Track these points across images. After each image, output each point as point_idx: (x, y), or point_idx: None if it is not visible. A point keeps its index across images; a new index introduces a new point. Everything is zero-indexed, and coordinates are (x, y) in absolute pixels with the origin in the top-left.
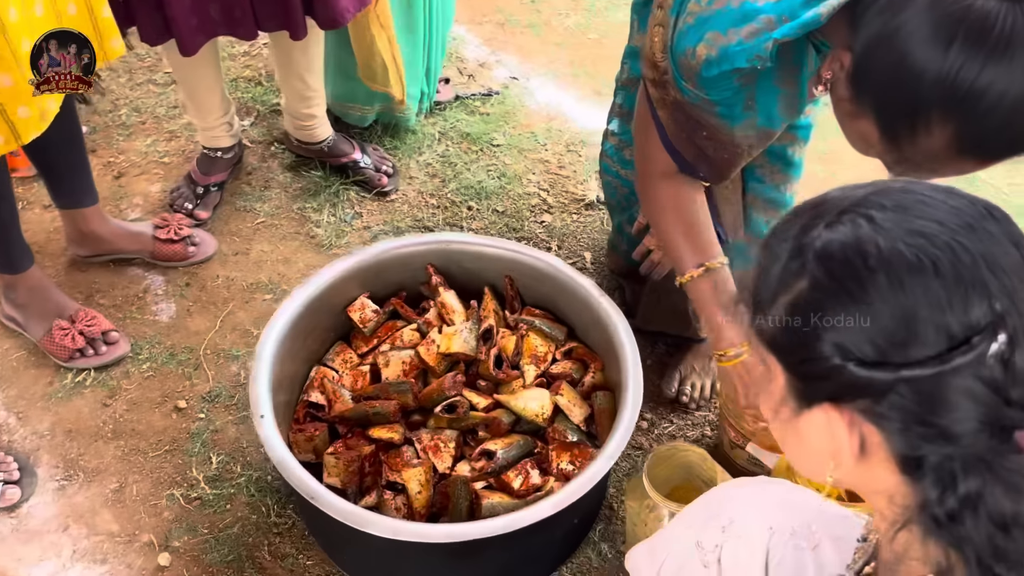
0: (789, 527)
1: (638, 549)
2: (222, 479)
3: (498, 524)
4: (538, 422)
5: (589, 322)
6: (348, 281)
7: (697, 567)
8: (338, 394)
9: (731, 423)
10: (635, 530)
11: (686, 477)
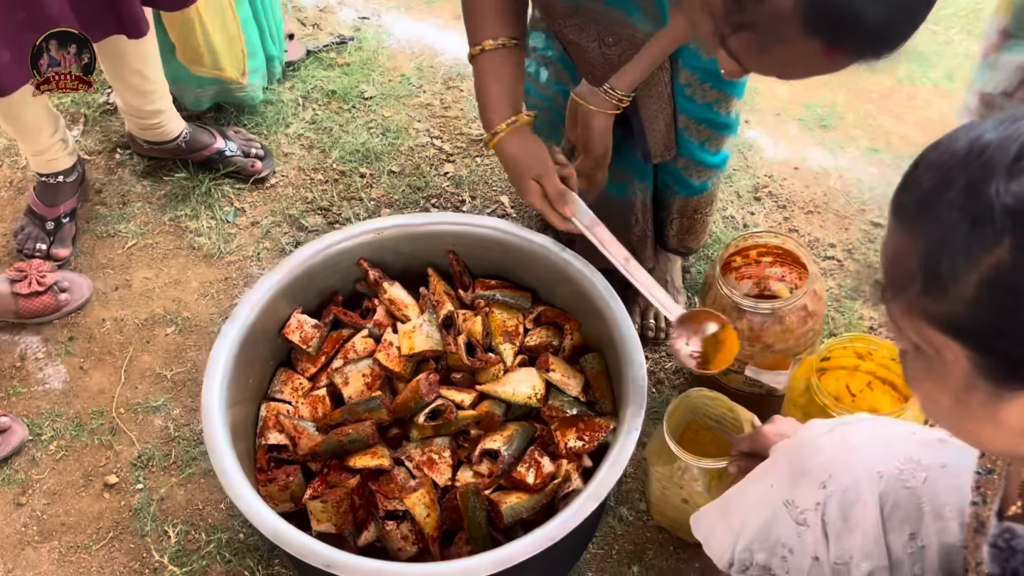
0: (894, 467)
1: (707, 512)
2: (188, 552)
3: (542, 537)
4: (532, 404)
5: (552, 281)
6: (276, 301)
7: (788, 525)
8: (300, 429)
9: None
10: (665, 493)
11: (691, 418)
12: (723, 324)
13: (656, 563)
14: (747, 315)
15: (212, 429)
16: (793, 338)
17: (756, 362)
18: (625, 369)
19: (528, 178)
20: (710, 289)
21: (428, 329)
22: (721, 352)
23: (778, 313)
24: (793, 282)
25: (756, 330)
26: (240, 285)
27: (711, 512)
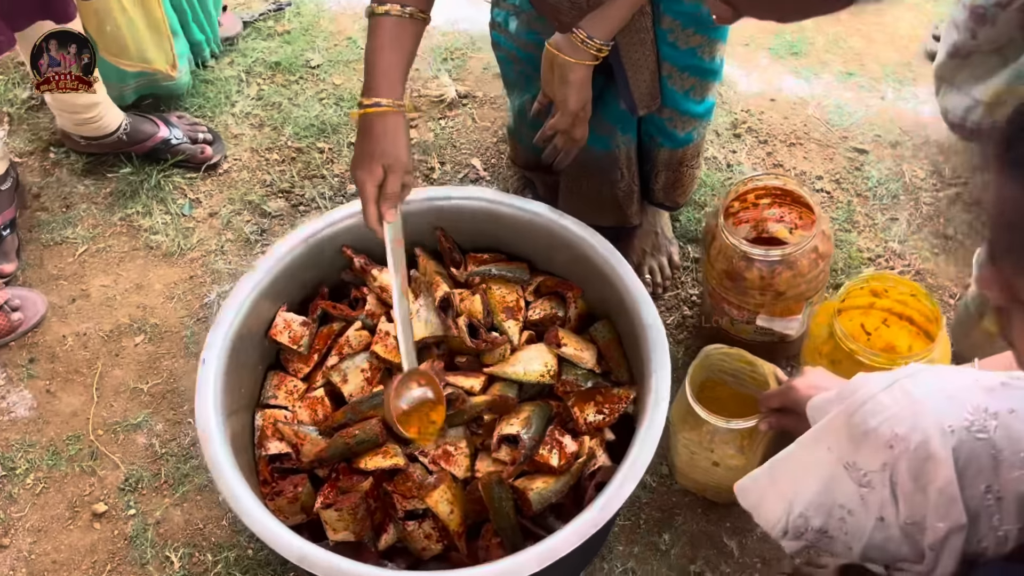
0: (963, 419)
1: (754, 481)
2: (192, 572)
3: (585, 525)
4: (546, 381)
5: (548, 248)
6: (260, 302)
7: (848, 488)
8: (302, 435)
9: (733, 301)
10: (693, 458)
11: (707, 375)
12: (437, 398)
13: (686, 527)
14: (756, 263)
15: (214, 454)
16: (805, 282)
17: (767, 311)
18: (641, 333)
19: (379, 162)
20: (714, 240)
21: (426, 314)
22: (421, 424)
23: (789, 259)
24: (792, 222)
25: (767, 278)
26: (207, 283)
27: (760, 481)
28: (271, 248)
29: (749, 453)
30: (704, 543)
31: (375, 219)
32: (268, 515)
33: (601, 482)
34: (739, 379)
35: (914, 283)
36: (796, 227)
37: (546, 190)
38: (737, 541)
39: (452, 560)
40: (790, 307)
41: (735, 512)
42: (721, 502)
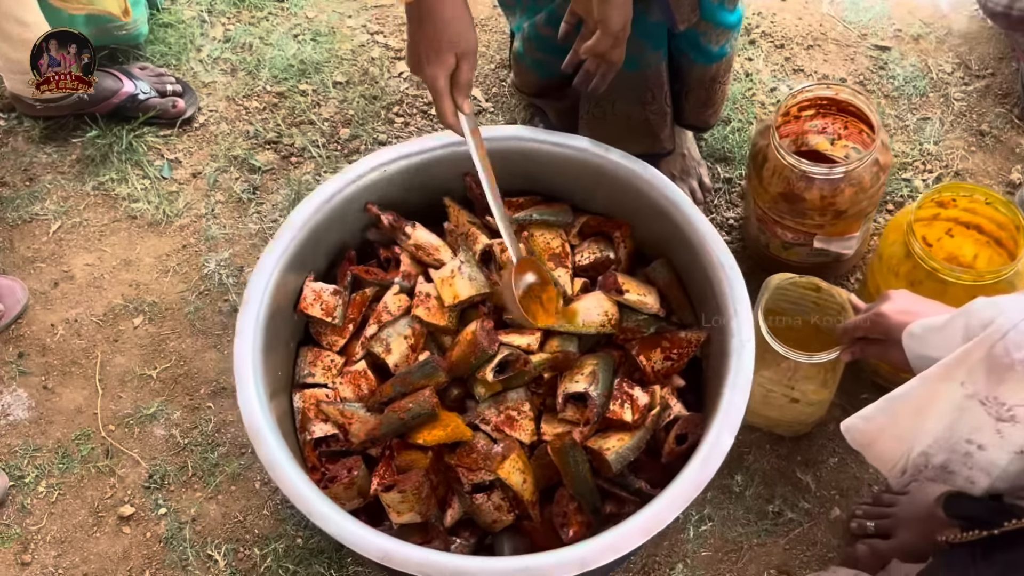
0: None
1: (867, 420)
2: (244, 573)
3: (689, 486)
4: (607, 331)
5: (591, 184)
6: (285, 275)
7: (983, 423)
8: (348, 413)
9: (788, 224)
10: (769, 396)
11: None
12: (545, 281)
13: (758, 466)
14: (817, 183)
15: (270, 453)
16: (866, 198)
17: (826, 231)
18: (712, 272)
19: (451, 51)
20: (766, 160)
21: (469, 270)
22: (542, 309)
23: (852, 175)
24: (836, 132)
25: (827, 197)
26: (203, 251)
27: (874, 420)
28: (292, 214)
29: (833, 385)
30: (778, 480)
31: (452, 113)
32: (341, 513)
33: (682, 433)
34: (801, 307)
35: (989, 190)
36: (839, 137)
37: (559, 118)
38: (812, 474)
39: (525, 529)
40: (850, 225)
41: (804, 444)
42: (790, 436)
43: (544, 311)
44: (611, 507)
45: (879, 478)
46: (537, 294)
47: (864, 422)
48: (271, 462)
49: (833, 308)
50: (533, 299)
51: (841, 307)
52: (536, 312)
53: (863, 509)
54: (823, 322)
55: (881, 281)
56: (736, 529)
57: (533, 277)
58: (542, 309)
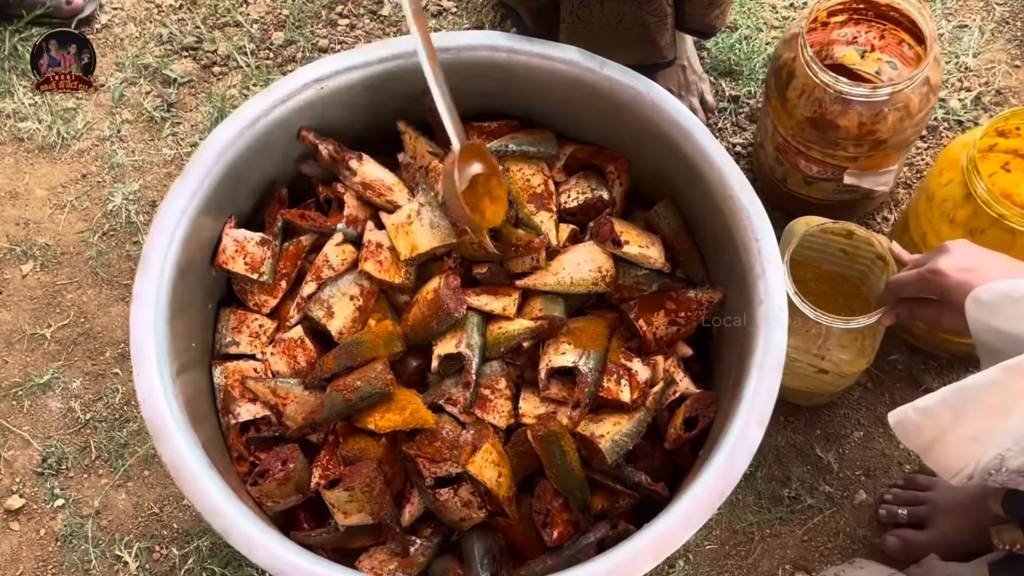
0: None
1: (927, 413)
2: (156, 572)
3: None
4: (600, 290)
5: (580, 106)
6: (198, 220)
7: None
8: (282, 392)
9: (815, 155)
10: (794, 366)
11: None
12: (492, 169)
13: (770, 442)
14: (855, 106)
15: (174, 446)
16: (912, 125)
17: (859, 164)
18: (733, 219)
19: None
20: (792, 78)
21: (432, 216)
22: (489, 204)
23: (896, 97)
24: (868, 43)
25: (867, 124)
26: (107, 182)
27: (937, 416)
28: (203, 145)
29: (870, 355)
30: (794, 458)
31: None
32: (268, 533)
33: (691, 416)
34: (826, 254)
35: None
36: (872, 49)
37: (535, 20)
38: (834, 452)
39: (500, 527)
40: (888, 157)
41: (824, 416)
42: (808, 406)
43: (492, 206)
44: (602, 502)
45: (912, 456)
46: (484, 187)
47: (922, 416)
48: (175, 463)
49: (864, 260)
50: (479, 194)
51: (876, 259)
52: (484, 209)
53: (894, 493)
54: (841, 271)
55: (929, 228)
56: (746, 518)
57: (479, 167)
58: (490, 203)
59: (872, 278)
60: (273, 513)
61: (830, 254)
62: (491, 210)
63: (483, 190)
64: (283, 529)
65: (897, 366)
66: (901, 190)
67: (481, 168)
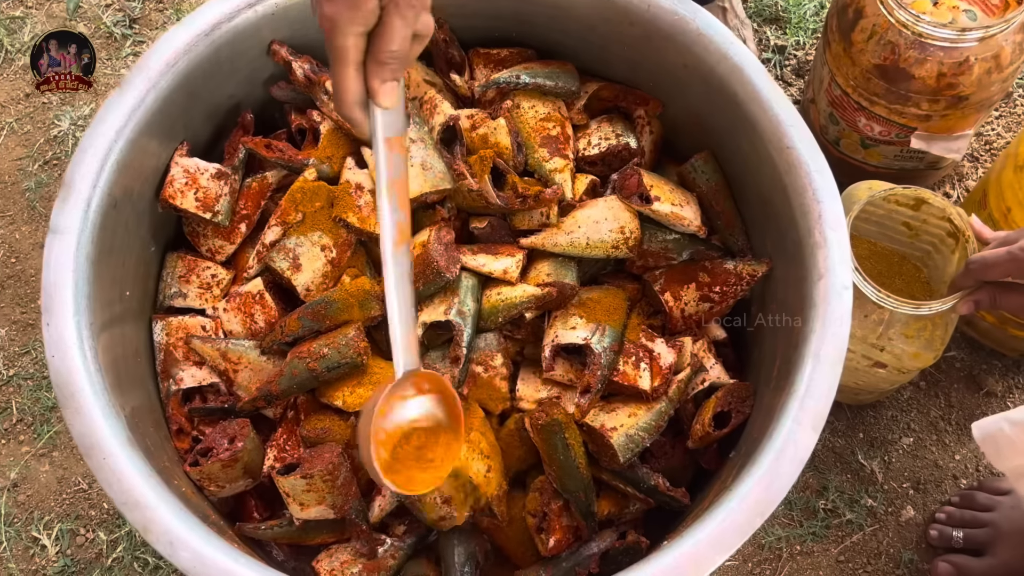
0: None
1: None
2: (84, 565)
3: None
4: (621, 255)
5: (608, 34)
6: (140, 142)
7: None
8: (234, 356)
9: (879, 112)
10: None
11: None
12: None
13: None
14: (936, 53)
15: (82, 422)
16: (1000, 80)
17: (931, 124)
18: (790, 179)
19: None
20: (860, 18)
21: (422, 154)
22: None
23: (988, 43)
24: None
25: (948, 75)
26: (54, 103)
27: None
28: (148, 52)
29: (939, 348)
30: (832, 465)
31: (354, 98)
32: (198, 528)
33: (724, 411)
34: (886, 228)
35: None
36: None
37: None
38: (879, 459)
39: (486, 528)
40: (966, 119)
41: (869, 417)
42: (852, 404)
43: (420, 475)
44: (609, 507)
45: (971, 470)
46: (418, 445)
47: (1018, 429)
48: (85, 437)
49: (932, 236)
50: (407, 453)
51: (947, 236)
52: (407, 475)
53: (948, 512)
54: (902, 250)
55: (1016, 203)
56: (774, 531)
57: (425, 411)
58: (418, 471)
59: (938, 259)
60: (217, 499)
61: (891, 228)
62: (417, 481)
63: (413, 450)
64: (230, 518)
65: (955, 364)
66: (966, 163)
67: (427, 416)
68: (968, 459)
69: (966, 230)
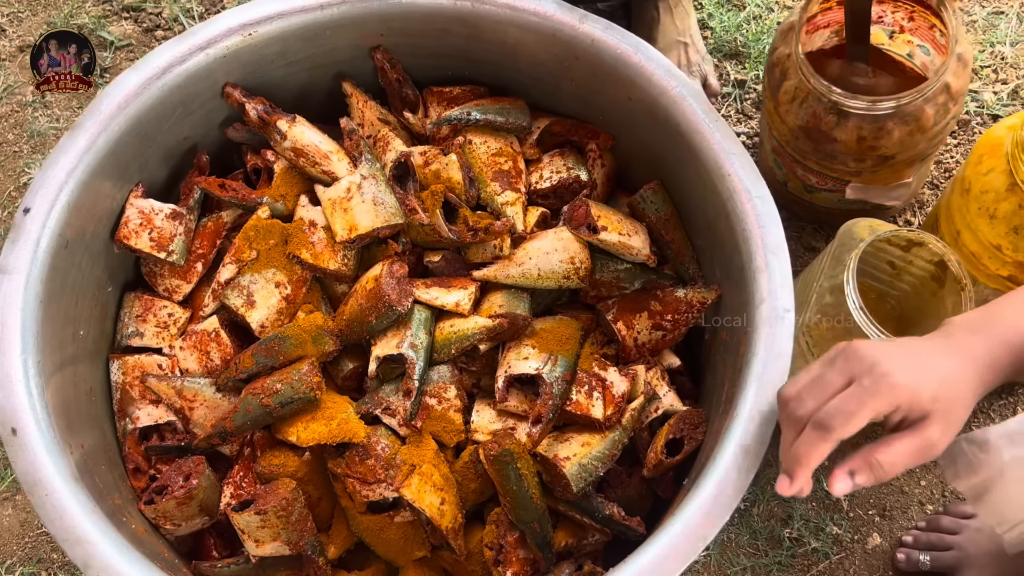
0: None
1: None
2: None
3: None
4: (572, 285)
5: (557, 70)
6: (94, 183)
7: None
8: (189, 393)
9: (811, 167)
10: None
11: None
12: None
13: (771, 474)
14: (853, 119)
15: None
16: (925, 140)
17: (864, 179)
18: (731, 203)
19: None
20: (784, 79)
21: (374, 190)
22: None
23: (906, 110)
24: (897, 24)
25: (868, 139)
26: (24, 152)
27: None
28: (100, 94)
29: None
30: None
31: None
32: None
33: (676, 438)
34: (870, 266)
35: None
36: (902, 30)
37: None
38: None
39: (444, 563)
40: (898, 173)
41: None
42: None
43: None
44: (566, 538)
45: (937, 496)
46: None
47: (980, 451)
48: (28, 474)
49: (914, 276)
50: None
51: (928, 279)
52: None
53: (914, 535)
54: (894, 296)
55: (964, 226)
56: (739, 561)
57: None
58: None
59: (915, 300)
60: (174, 538)
61: (874, 266)
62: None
63: None
64: (188, 557)
65: None
66: (927, 190)
67: None
68: (934, 485)
69: (963, 278)
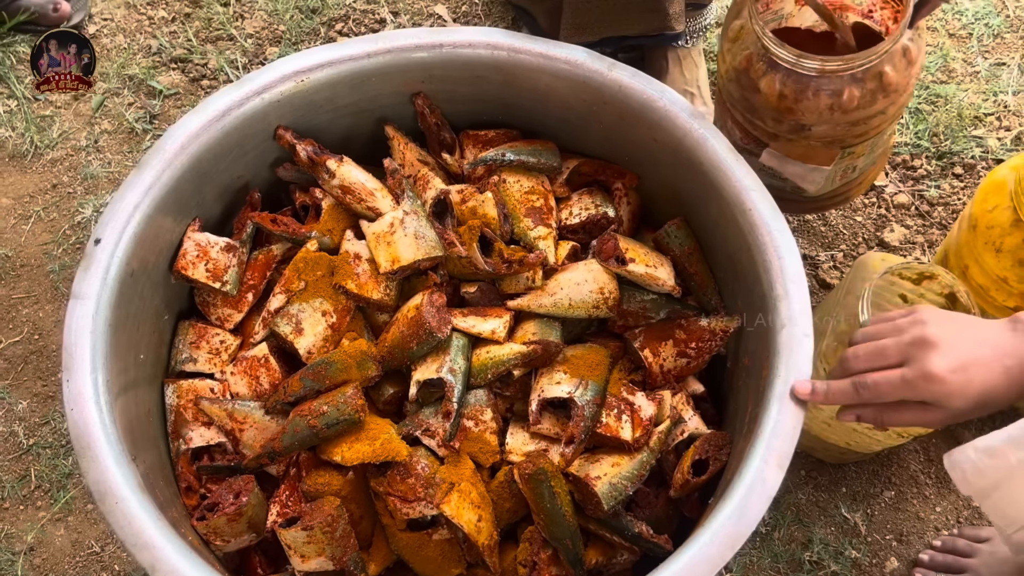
0: None
1: (996, 451)
2: None
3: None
4: (601, 315)
5: (585, 113)
6: (156, 219)
7: None
8: (240, 416)
9: (737, 116)
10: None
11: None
12: None
13: (791, 499)
14: (780, 72)
15: (99, 473)
16: (847, 123)
17: (780, 145)
18: (753, 239)
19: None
20: (737, 18)
21: (417, 226)
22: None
23: (830, 80)
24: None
25: (788, 98)
26: (79, 193)
27: (1004, 454)
28: (165, 135)
29: None
30: (817, 518)
31: None
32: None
33: (701, 459)
34: (880, 299)
35: None
36: (888, 32)
37: (550, 21)
38: (862, 512)
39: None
40: (815, 152)
41: (851, 472)
42: (834, 462)
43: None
44: (596, 556)
45: (951, 522)
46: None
47: (985, 456)
48: (99, 484)
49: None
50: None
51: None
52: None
53: (930, 555)
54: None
55: (972, 260)
56: None
57: None
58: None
59: None
60: (223, 554)
61: (885, 299)
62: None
63: None
64: (234, 575)
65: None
66: (935, 230)
67: None
68: (949, 511)
69: (972, 308)
